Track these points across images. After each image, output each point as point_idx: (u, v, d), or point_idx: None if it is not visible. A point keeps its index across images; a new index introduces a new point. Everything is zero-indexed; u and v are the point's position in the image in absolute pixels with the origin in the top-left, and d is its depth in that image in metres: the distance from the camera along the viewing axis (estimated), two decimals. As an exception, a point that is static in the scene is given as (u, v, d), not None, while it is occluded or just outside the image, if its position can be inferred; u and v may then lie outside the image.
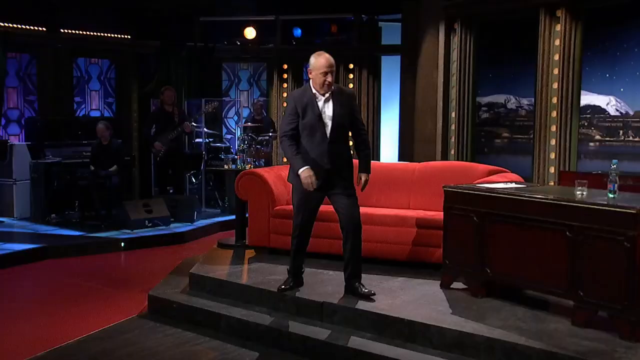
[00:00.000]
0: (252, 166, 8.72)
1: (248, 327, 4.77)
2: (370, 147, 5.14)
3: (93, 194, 8.83)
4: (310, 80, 4.77)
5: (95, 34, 10.75)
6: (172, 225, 8.78)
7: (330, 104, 4.74)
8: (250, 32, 11.57)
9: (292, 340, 4.53)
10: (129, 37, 11.07)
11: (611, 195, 4.23)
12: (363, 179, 4.98)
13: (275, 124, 11.34)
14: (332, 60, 4.72)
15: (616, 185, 4.27)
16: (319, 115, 4.71)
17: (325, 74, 4.66)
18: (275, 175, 6.46)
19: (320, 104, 4.72)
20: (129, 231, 8.37)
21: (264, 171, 6.48)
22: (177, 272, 6.23)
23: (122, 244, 7.98)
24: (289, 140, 4.74)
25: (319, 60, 4.69)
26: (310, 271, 5.57)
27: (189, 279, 5.64)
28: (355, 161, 5.02)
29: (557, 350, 3.72)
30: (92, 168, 8.87)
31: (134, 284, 6.44)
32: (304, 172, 4.66)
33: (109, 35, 10.90)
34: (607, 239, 3.93)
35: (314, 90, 4.73)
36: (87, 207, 8.98)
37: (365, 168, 5.00)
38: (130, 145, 10.87)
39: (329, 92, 4.74)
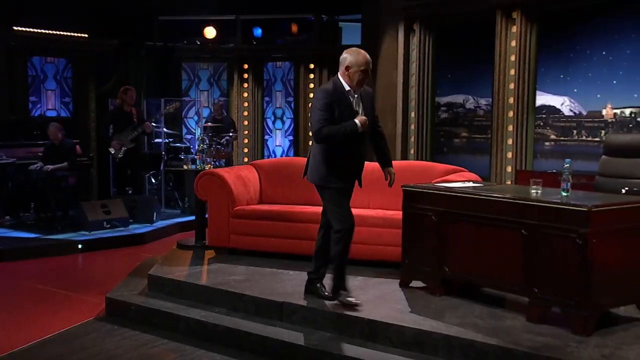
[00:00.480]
0: (211, 166, 8.66)
1: (207, 328, 4.74)
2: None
3: (49, 194, 8.66)
4: (342, 76, 4.54)
5: (50, 32, 10.54)
6: (130, 226, 8.67)
7: (360, 101, 4.62)
8: (210, 32, 11.50)
9: (251, 340, 4.51)
10: (86, 35, 10.89)
11: (564, 194, 4.31)
12: (392, 173, 4.89)
13: (236, 124, 11.30)
14: (369, 57, 4.58)
15: (569, 184, 4.36)
16: (355, 113, 4.55)
17: (364, 71, 4.52)
18: (235, 176, 6.43)
19: (353, 101, 4.58)
20: (86, 233, 8.23)
21: (223, 171, 6.45)
22: (136, 274, 6.15)
23: (80, 246, 7.84)
24: (328, 126, 4.50)
25: (358, 58, 4.51)
26: (270, 271, 5.59)
27: (147, 281, 5.57)
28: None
29: (513, 346, 3.78)
30: (40, 163, 8.68)
31: (92, 286, 6.33)
32: (360, 118, 4.51)
33: (65, 33, 10.70)
34: (560, 236, 4.01)
35: (347, 87, 4.55)
36: (43, 208, 8.80)
37: (390, 161, 4.93)
38: (88, 145, 10.69)
39: (359, 90, 4.62)
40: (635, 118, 7.08)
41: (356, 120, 4.49)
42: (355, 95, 4.60)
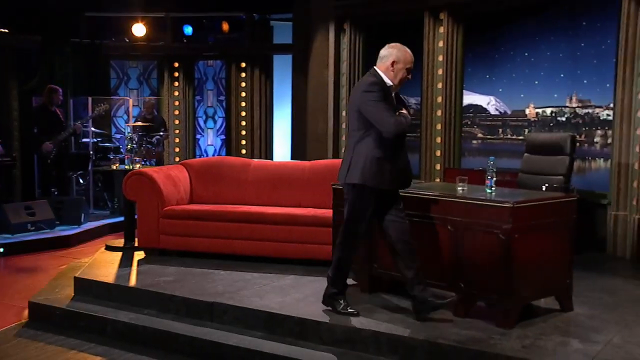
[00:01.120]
0: (140, 166, 8.49)
1: (136, 330, 4.65)
2: None
3: (-31, 197, 8.31)
4: (384, 71, 4.24)
5: (-32, 27, 10.10)
6: (57, 228, 8.41)
7: (394, 99, 4.32)
8: (139, 29, 11.26)
9: (180, 342, 4.45)
10: (7, 30, 10.46)
11: (489, 191, 4.43)
12: None
13: (167, 123, 11.12)
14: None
15: (494, 181, 4.49)
16: (396, 110, 4.21)
17: (409, 70, 4.28)
18: (165, 175, 6.34)
19: (393, 99, 4.29)
20: (9, 236, 7.93)
21: (152, 171, 6.35)
22: (61, 278, 5.97)
23: (2, 250, 7.55)
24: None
25: (406, 55, 4.29)
26: (201, 271, 5.53)
27: (73, 284, 5.42)
28: None
29: (440, 341, 3.86)
30: None
31: (14, 291, 6.10)
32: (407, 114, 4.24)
33: (-17, 28, 10.26)
34: (484, 232, 4.12)
35: (389, 83, 4.24)
36: (-37, 211, 8.42)
37: None
38: (10, 145, 10.30)
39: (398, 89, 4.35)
40: (556, 117, 7.33)
41: (404, 111, 4.19)
42: (392, 94, 4.29)
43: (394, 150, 4.18)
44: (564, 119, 7.26)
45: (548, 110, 7.43)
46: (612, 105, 6.56)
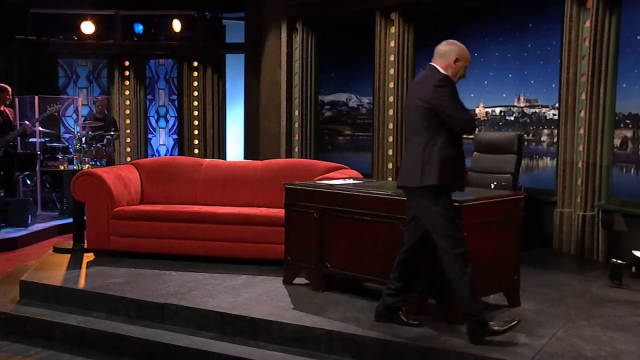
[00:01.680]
0: (89, 166, 8.34)
1: (85, 334, 4.56)
2: None
3: None
4: (445, 68, 3.97)
5: None
6: (2, 230, 8.18)
7: None
8: (88, 27, 11.04)
9: (131, 344, 4.38)
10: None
11: (438, 189, 4.47)
12: None
13: (118, 123, 10.94)
14: None
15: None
16: None
17: (466, 68, 4.07)
18: (115, 176, 6.24)
19: None
20: (-48, 239, 7.69)
21: (102, 171, 6.24)
22: (6, 281, 5.82)
23: (-55, 253, 7.32)
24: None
25: (466, 52, 4.05)
26: (152, 272, 5.47)
27: (19, 287, 5.28)
28: None
29: (392, 338, 3.90)
30: None
31: (-42, 295, 5.92)
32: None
33: None
34: (434, 230, 4.15)
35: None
36: None
37: None
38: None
39: None
40: (505, 117, 7.47)
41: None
42: None
43: (461, 150, 3.98)
44: (512, 118, 7.40)
45: (497, 110, 7.57)
46: (557, 105, 6.72)
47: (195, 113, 11.61)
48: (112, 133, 9.96)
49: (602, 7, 6.04)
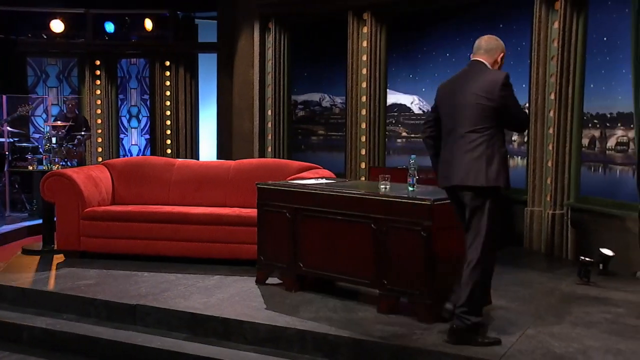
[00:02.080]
0: (59, 167, 8.23)
1: (54, 336, 4.50)
2: None
3: None
4: (491, 64, 3.97)
5: None
6: (-30, 232, 8.04)
7: None
8: (57, 25, 10.87)
9: (102, 346, 4.33)
10: None
11: (410, 189, 4.52)
12: None
13: (89, 123, 10.81)
14: None
15: (415, 179, 4.57)
16: None
17: None
18: (86, 176, 6.18)
19: None
20: None
21: (72, 172, 6.17)
22: (-26, 284, 5.72)
23: None
24: None
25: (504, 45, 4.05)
26: (123, 273, 5.42)
27: (-13, 290, 5.20)
28: None
29: (363, 337, 3.90)
30: None
31: None
32: None
33: None
34: (407, 229, 4.19)
35: None
36: None
37: None
38: None
39: None
40: (476, 116, 7.53)
41: None
42: None
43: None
44: (483, 118, 7.46)
45: (468, 110, 7.63)
46: (527, 105, 6.80)
47: (168, 113, 11.51)
48: (83, 133, 9.85)
49: (570, 8, 6.13)
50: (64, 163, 8.56)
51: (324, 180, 5.27)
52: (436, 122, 4.02)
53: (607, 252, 5.45)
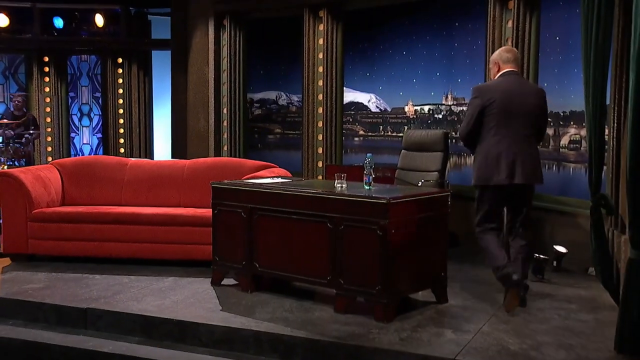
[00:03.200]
0: (6, 166, 8.06)
1: (0, 343, 4.39)
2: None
3: None
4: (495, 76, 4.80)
5: None
6: None
7: None
8: (2, 19, 10.61)
9: (52, 352, 4.25)
10: None
11: (367, 187, 4.55)
12: None
13: (38, 121, 10.59)
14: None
15: (371, 178, 4.61)
16: None
17: None
18: (34, 176, 6.06)
19: None
20: None
21: (19, 172, 6.04)
22: None
23: None
24: None
25: None
26: (74, 276, 5.35)
27: None
28: None
29: (319, 337, 3.92)
30: None
31: None
32: None
33: None
34: (363, 228, 4.22)
35: None
36: None
37: None
38: None
39: None
40: (433, 115, 7.63)
41: None
42: None
43: None
44: (440, 116, 7.57)
45: (426, 108, 7.73)
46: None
47: (121, 111, 11.36)
48: (31, 132, 9.66)
49: (523, 7, 6.24)
50: (10, 163, 8.39)
51: (279, 179, 5.27)
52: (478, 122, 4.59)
53: (560, 249, 5.58)
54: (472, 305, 4.60)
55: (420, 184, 5.84)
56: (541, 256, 5.35)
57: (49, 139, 11.30)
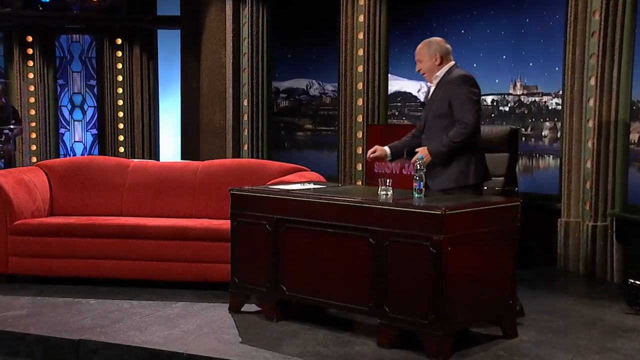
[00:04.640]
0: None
1: (-24, 381, 4.52)
2: (456, 138, 4.84)
3: None
4: None
5: None
6: None
7: (433, 93, 5.09)
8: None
9: (38, 391, 4.36)
10: None
11: (417, 195, 4.55)
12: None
13: (20, 113, 10.80)
14: (418, 47, 5.12)
15: (422, 184, 4.60)
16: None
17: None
18: (16, 180, 6.19)
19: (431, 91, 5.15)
20: None
21: (-2, 175, 6.19)
22: None
23: None
24: None
25: None
26: (64, 301, 5.43)
27: None
28: None
29: (360, 377, 3.94)
30: None
31: None
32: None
33: None
34: (412, 244, 4.22)
35: None
36: None
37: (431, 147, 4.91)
38: None
39: (433, 81, 5.08)
40: (498, 107, 7.60)
41: None
42: (432, 86, 5.15)
43: None
44: (507, 108, 7.53)
45: (489, 99, 7.69)
46: (561, 92, 6.85)
47: (120, 102, 11.54)
48: (11, 126, 9.86)
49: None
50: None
51: (311, 185, 5.31)
52: None
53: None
54: (549, 341, 4.57)
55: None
56: (638, 282, 5.26)
57: (34, 135, 11.51)
